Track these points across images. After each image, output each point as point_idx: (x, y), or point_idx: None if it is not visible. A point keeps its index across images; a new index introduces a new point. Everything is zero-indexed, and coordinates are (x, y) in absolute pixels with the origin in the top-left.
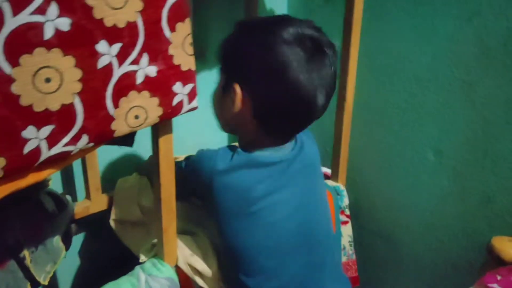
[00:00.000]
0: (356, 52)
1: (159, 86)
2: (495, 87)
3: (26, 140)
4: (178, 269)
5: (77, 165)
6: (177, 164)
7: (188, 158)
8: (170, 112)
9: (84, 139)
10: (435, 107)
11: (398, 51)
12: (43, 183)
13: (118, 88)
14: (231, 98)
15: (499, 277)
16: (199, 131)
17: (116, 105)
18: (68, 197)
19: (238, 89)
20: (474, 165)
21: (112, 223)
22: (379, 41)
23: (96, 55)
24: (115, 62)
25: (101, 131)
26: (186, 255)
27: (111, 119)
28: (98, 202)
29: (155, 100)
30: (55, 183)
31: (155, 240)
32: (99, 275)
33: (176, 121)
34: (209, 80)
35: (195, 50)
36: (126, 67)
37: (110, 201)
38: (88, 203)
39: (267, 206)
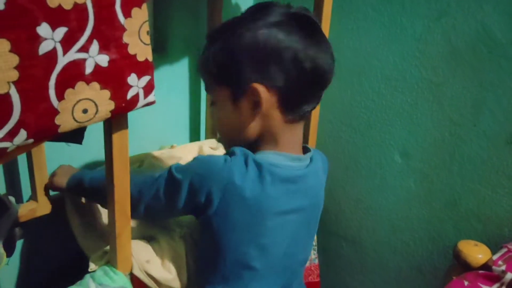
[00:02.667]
0: None
1: (111, 78)
2: (462, 89)
3: None
4: (133, 277)
5: (22, 163)
6: (153, 176)
7: (175, 168)
8: (123, 106)
9: (22, 134)
10: (403, 108)
11: (366, 50)
12: None
13: (63, 78)
14: (252, 102)
15: (466, 283)
16: (158, 127)
17: (60, 97)
18: (12, 198)
19: (260, 86)
20: (441, 168)
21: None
22: (348, 39)
23: (37, 39)
24: (59, 48)
25: (42, 126)
26: (142, 262)
27: (55, 112)
28: (46, 204)
29: (107, 93)
30: None
31: (107, 247)
32: (46, 284)
33: (132, 116)
34: (170, 75)
35: (155, 43)
36: (73, 55)
37: (58, 203)
38: (34, 205)
39: (274, 227)
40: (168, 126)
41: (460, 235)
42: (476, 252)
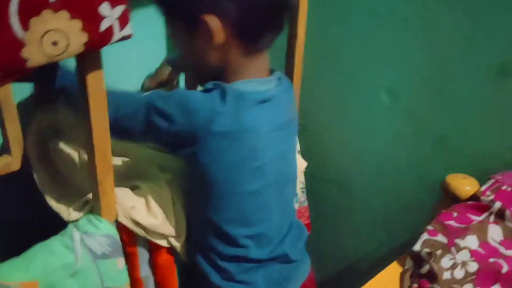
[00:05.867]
0: None
1: (81, 5)
2: (453, 22)
3: None
4: (118, 225)
5: None
6: (134, 95)
7: (155, 94)
8: (97, 39)
9: None
10: (390, 45)
11: None
12: None
13: (25, 4)
14: (205, 34)
15: (455, 214)
16: (135, 63)
17: (26, 27)
18: None
19: (211, 18)
20: (430, 106)
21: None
22: None
23: None
24: None
25: (8, 60)
26: (127, 208)
27: (21, 44)
28: (21, 158)
29: (77, 23)
30: None
31: (89, 195)
32: (24, 241)
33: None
34: (143, 14)
35: None
36: None
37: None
38: (8, 159)
39: (261, 148)
40: (144, 67)
41: (448, 170)
42: (464, 184)
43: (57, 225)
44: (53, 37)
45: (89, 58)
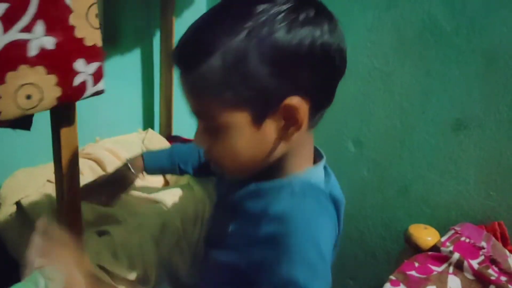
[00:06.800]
0: None
1: (57, 62)
2: (411, 77)
3: None
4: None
5: None
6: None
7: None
8: (71, 94)
9: None
10: (355, 98)
11: None
12: None
13: (4, 58)
14: (283, 121)
15: (416, 264)
16: (110, 118)
17: (1, 81)
18: None
19: (295, 100)
20: (393, 155)
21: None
22: None
23: None
24: None
25: None
26: (93, 254)
27: None
28: None
29: (52, 78)
30: None
31: None
32: None
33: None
34: (121, 66)
35: (106, 35)
36: (15, 35)
37: None
38: None
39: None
40: (121, 117)
41: (411, 220)
42: (426, 235)
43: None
44: (27, 91)
45: (63, 112)
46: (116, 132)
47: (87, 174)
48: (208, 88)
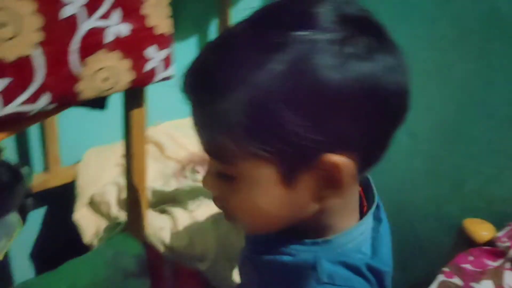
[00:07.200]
0: None
1: (131, 48)
2: (471, 70)
3: None
4: (147, 245)
5: (34, 134)
6: None
7: None
8: (142, 78)
9: (45, 98)
10: (411, 89)
11: None
12: None
13: (85, 44)
14: (321, 179)
15: (471, 258)
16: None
17: (82, 64)
18: (27, 169)
19: (337, 158)
20: (448, 149)
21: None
22: None
23: (58, 2)
24: (81, 14)
25: (64, 91)
26: (156, 230)
27: (77, 78)
28: (58, 175)
29: (127, 63)
30: (9, 154)
31: (122, 216)
32: (57, 254)
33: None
34: (177, 54)
35: None
36: (95, 22)
37: (71, 174)
38: (47, 175)
39: None
40: (178, 102)
41: (464, 214)
42: (481, 229)
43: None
44: (105, 74)
45: (134, 95)
46: (173, 116)
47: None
48: (227, 129)
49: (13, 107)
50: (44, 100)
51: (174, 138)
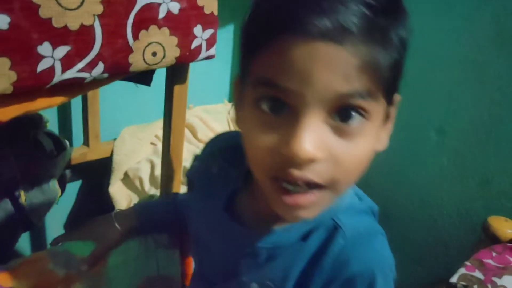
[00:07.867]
0: None
1: (179, 25)
2: (507, 69)
3: (40, 57)
4: None
5: (75, 109)
6: None
7: None
8: (187, 55)
9: (100, 67)
10: (443, 85)
11: (412, 25)
12: (41, 123)
13: (140, 19)
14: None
15: (494, 254)
16: (199, 86)
17: (135, 37)
18: (66, 142)
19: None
20: (476, 147)
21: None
22: None
23: None
24: None
25: (117, 62)
26: None
27: (129, 50)
28: (96, 150)
29: (174, 39)
30: (52, 127)
31: (153, 192)
32: None
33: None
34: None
35: None
36: None
37: (108, 149)
38: (86, 149)
39: None
40: (209, 87)
41: (489, 212)
42: (506, 227)
43: None
44: (154, 49)
45: (178, 71)
46: (204, 101)
47: None
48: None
49: (72, 73)
50: (98, 69)
51: (205, 121)
